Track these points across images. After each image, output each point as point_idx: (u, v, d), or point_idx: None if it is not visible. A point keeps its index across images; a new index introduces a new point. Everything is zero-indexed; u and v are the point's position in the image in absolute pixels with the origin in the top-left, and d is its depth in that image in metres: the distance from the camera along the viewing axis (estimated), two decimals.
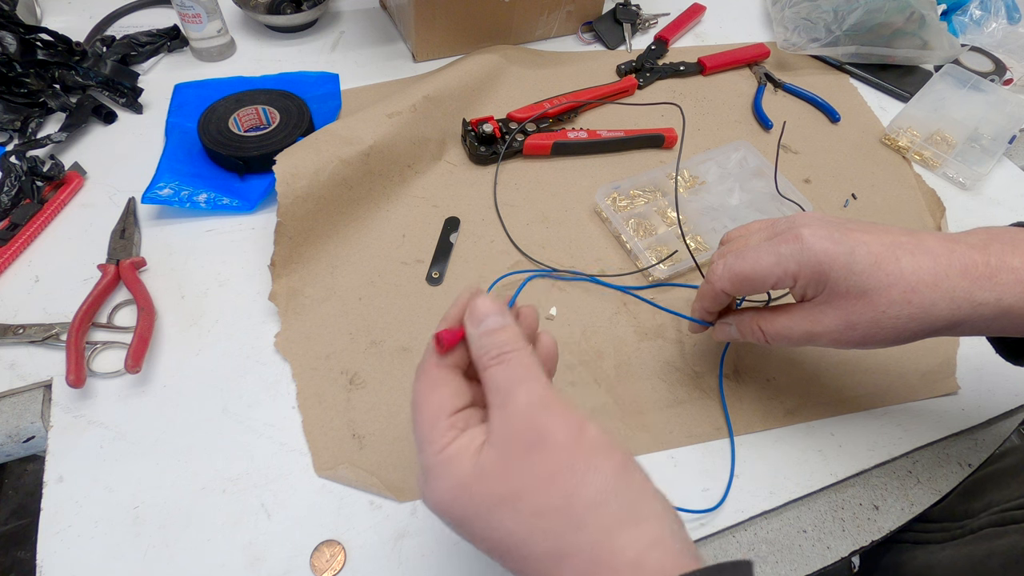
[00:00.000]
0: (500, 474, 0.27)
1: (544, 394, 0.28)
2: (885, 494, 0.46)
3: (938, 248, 0.35)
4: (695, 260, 0.51)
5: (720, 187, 0.60)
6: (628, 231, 0.55)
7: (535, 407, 0.28)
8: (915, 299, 0.34)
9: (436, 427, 0.29)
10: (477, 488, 0.27)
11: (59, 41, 0.62)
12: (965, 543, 0.41)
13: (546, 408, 0.28)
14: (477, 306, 0.30)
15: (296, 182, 0.50)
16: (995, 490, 0.45)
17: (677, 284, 0.54)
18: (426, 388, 0.30)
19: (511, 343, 0.29)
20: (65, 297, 0.49)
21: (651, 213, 0.57)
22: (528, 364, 0.29)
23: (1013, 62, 0.76)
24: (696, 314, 0.44)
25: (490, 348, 0.29)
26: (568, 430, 0.27)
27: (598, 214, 0.58)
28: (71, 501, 0.40)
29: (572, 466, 0.27)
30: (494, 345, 0.29)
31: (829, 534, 0.43)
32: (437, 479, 0.28)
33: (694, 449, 0.46)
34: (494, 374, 0.29)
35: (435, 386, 0.30)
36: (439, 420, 0.29)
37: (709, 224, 0.57)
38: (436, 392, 0.30)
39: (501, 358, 0.29)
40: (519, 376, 0.28)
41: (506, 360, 0.29)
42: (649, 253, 0.54)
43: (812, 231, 0.36)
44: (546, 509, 0.26)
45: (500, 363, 0.29)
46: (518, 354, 0.29)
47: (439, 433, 0.29)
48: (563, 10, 0.73)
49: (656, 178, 0.60)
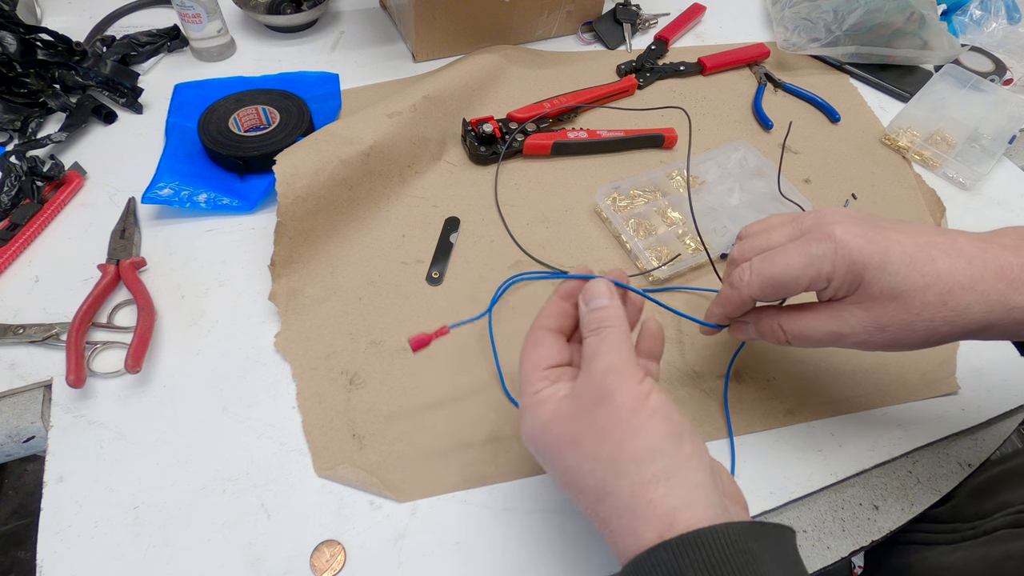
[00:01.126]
0: (571, 420, 0.32)
1: (621, 363, 0.32)
2: (885, 494, 0.46)
3: (972, 250, 0.34)
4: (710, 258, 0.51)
5: (720, 187, 0.60)
6: (628, 231, 0.55)
7: (610, 371, 0.32)
8: (951, 302, 0.34)
9: (533, 375, 0.34)
10: (554, 427, 0.32)
11: (59, 41, 0.62)
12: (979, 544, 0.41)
13: (618, 374, 0.32)
14: (590, 288, 0.36)
15: (296, 182, 0.50)
16: (1008, 491, 0.44)
17: (680, 288, 0.54)
18: (530, 345, 0.36)
19: (610, 320, 0.34)
20: (65, 297, 0.49)
21: (651, 213, 0.57)
22: (617, 338, 0.33)
23: (1013, 62, 0.76)
24: (713, 318, 0.42)
25: (591, 322, 0.34)
26: (633, 395, 0.31)
27: (598, 214, 0.58)
28: (71, 501, 0.40)
29: (627, 423, 0.30)
30: (595, 320, 0.34)
31: (829, 534, 0.43)
32: (529, 416, 0.34)
33: None
34: (589, 342, 0.34)
35: (537, 344, 0.36)
36: (536, 370, 0.34)
37: (709, 224, 0.57)
38: (537, 349, 0.35)
39: (598, 331, 0.34)
40: (607, 346, 0.33)
41: (601, 332, 0.34)
42: (649, 253, 0.54)
43: (844, 229, 0.35)
44: (598, 454, 0.31)
45: (596, 334, 0.34)
46: (612, 330, 0.34)
47: (535, 380, 0.34)
48: (563, 10, 0.73)
49: (656, 178, 0.60)
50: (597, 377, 0.32)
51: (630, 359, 0.33)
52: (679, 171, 0.61)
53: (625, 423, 0.30)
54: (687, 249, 0.55)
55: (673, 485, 0.29)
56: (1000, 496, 0.44)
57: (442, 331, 0.41)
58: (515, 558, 0.40)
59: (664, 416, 0.31)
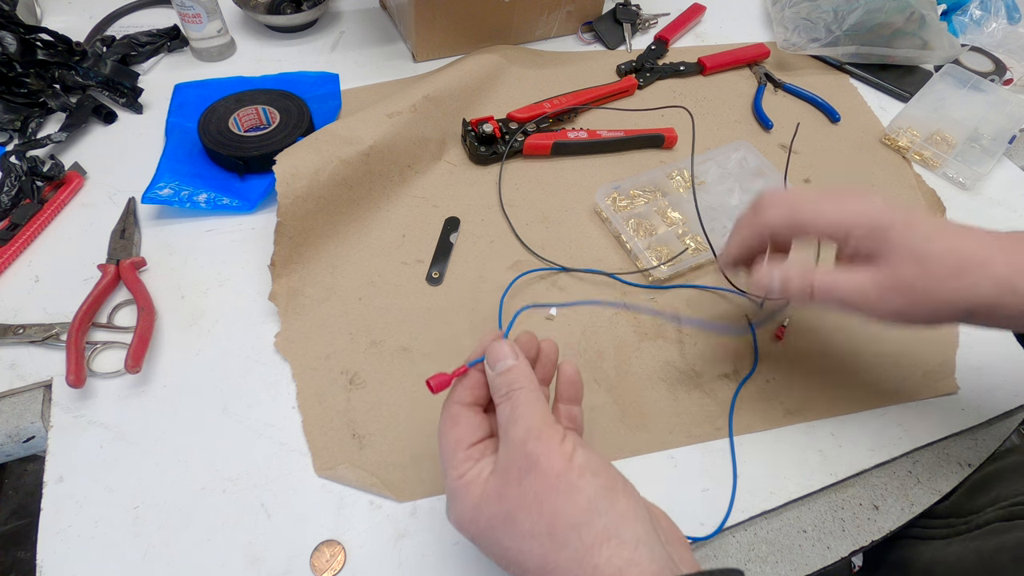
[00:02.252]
0: (500, 498, 0.31)
1: (539, 424, 0.31)
2: (885, 494, 0.46)
3: (985, 236, 0.36)
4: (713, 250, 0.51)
5: (720, 187, 0.60)
6: (628, 231, 0.55)
7: (529, 436, 0.31)
8: (964, 275, 0.35)
9: (455, 456, 0.33)
10: (484, 509, 0.31)
11: (59, 41, 0.62)
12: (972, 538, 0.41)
13: (539, 438, 0.31)
14: (492, 350, 0.35)
15: (296, 182, 0.50)
16: (1000, 486, 0.45)
17: (681, 286, 0.54)
18: (448, 424, 0.34)
19: (518, 380, 0.33)
20: (65, 297, 0.49)
21: (651, 213, 0.57)
22: (528, 399, 0.32)
23: (1013, 62, 0.76)
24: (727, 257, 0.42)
25: (500, 387, 0.33)
26: (558, 456, 0.30)
27: (598, 214, 0.58)
28: (71, 501, 0.40)
29: (558, 488, 0.30)
30: (504, 384, 0.33)
31: (829, 534, 0.43)
32: (457, 502, 0.32)
33: (694, 449, 0.46)
34: (502, 409, 0.33)
35: (455, 422, 0.34)
36: (457, 451, 0.33)
37: (709, 224, 0.57)
38: (455, 428, 0.34)
39: (509, 395, 0.33)
40: (520, 410, 0.32)
41: (512, 397, 0.33)
42: (649, 253, 0.54)
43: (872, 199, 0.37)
44: (535, 529, 0.29)
45: (507, 399, 0.33)
46: (522, 391, 0.33)
47: (458, 462, 0.33)
48: (563, 10, 0.73)
49: (656, 178, 0.60)
50: (518, 445, 0.31)
51: (546, 418, 0.32)
52: (679, 171, 0.61)
53: (556, 489, 0.30)
54: (687, 249, 0.55)
55: (615, 546, 0.28)
56: (993, 491, 0.44)
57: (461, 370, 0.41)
58: None
59: (592, 472, 0.30)
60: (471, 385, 0.35)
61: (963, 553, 0.40)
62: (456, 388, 0.36)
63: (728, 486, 0.44)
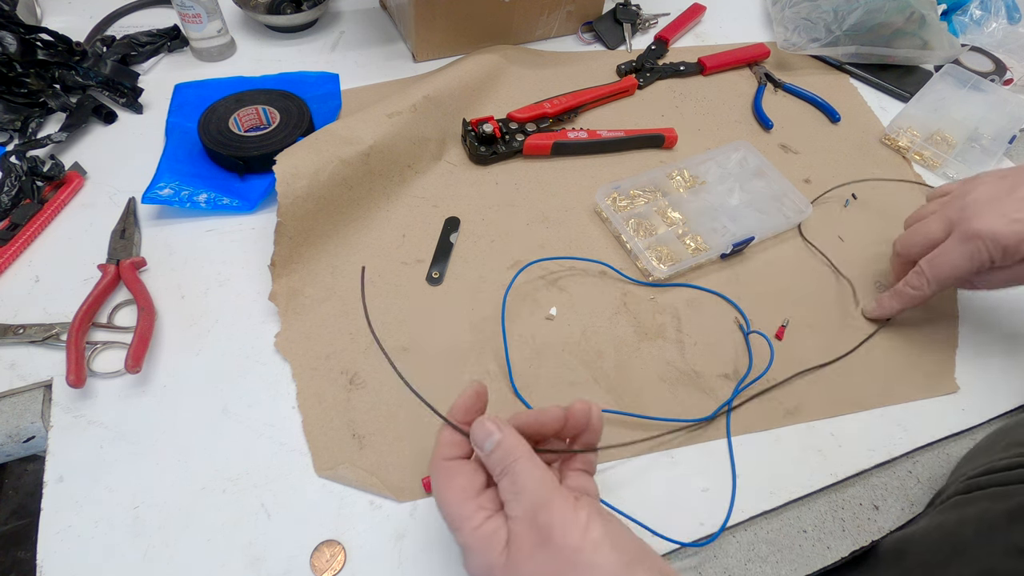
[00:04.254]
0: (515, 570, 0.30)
1: (547, 495, 0.31)
2: (885, 494, 0.46)
3: None
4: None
5: (720, 187, 0.60)
6: (628, 231, 0.55)
7: (539, 508, 0.30)
8: None
9: (466, 507, 0.32)
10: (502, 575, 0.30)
11: (59, 41, 0.62)
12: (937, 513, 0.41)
13: (548, 508, 0.30)
14: (475, 432, 0.33)
15: (296, 182, 0.50)
16: (965, 463, 0.46)
17: (679, 284, 0.54)
18: (445, 478, 0.33)
19: (511, 453, 0.32)
20: (65, 297, 0.49)
21: (651, 213, 0.57)
22: (527, 469, 0.31)
23: (1013, 62, 0.76)
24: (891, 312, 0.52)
25: (495, 464, 0.32)
26: (572, 527, 0.29)
27: (598, 214, 0.58)
28: (71, 501, 0.40)
29: (575, 564, 0.29)
30: (498, 461, 0.32)
31: (829, 534, 0.43)
32: (476, 555, 0.31)
33: (694, 449, 0.46)
34: (503, 485, 0.32)
35: (451, 475, 0.33)
36: (467, 502, 0.32)
37: (709, 224, 0.57)
38: (455, 478, 0.33)
39: (505, 470, 0.32)
40: (522, 482, 0.31)
41: (509, 470, 0.32)
42: (650, 253, 0.54)
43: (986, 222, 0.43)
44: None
45: (504, 474, 0.32)
46: (517, 463, 0.32)
47: (470, 512, 0.32)
48: (563, 10, 0.73)
49: (656, 178, 0.60)
50: (527, 518, 0.30)
51: (552, 486, 0.31)
52: (679, 171, 0.61)
53: (573, 564, 0.28)
54: (687, 249, 0.55)
55: None
56: (958, 471, 0.45)
57: None
58: None
59: (611, 546, 0.29)
60: (451, 443, 0.35)
61: (928, 529, 0.41)
62: (439, 447, 0.35)
63: (728, 486, 0.44)
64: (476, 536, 0.31)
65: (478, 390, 0.36)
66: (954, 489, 0.42)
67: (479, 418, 0.34)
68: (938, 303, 0.56)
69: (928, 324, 0.54)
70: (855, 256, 0.58)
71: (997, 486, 0.39)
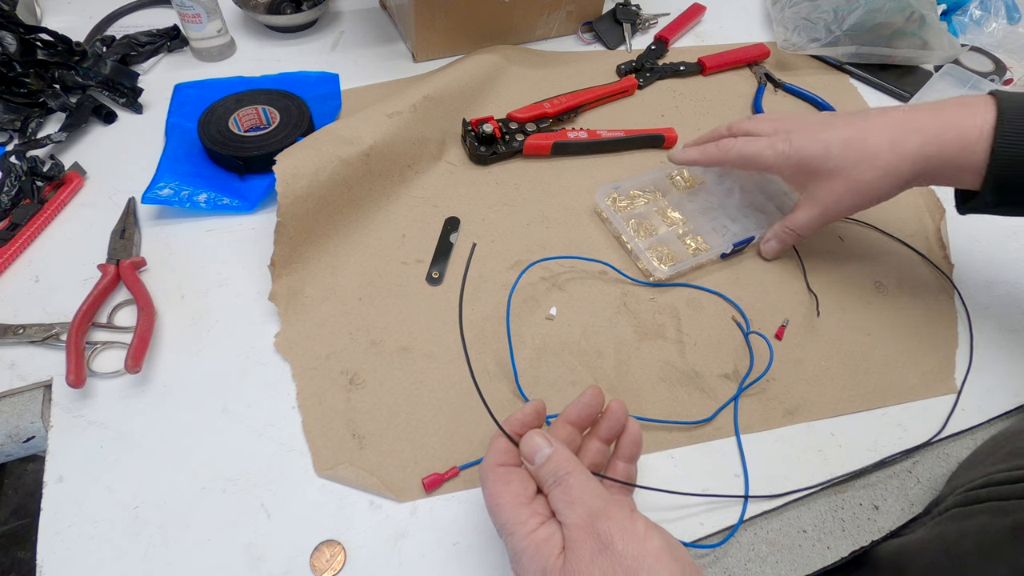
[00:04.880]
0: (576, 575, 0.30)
1: (602, 505, 0.32)
2: (885, 494, 0.46)
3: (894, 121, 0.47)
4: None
5: (719, 187, 0.60)
6: (629, 231, 0.55)
7: (596, 517, 0.31)
8: (879, 163, 0.46)
9: (520, 512, 0.33)
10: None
11: (59, 41, 0.62)
12: (935, 525, 0.41)
13: (606, 517, 0.31)
14: (524, 446, 0.35)
15: (296, 182, 0.50)
16: (962, 473, 0.45)
17: (680, 284, 0.54)
18: (499, 483, 0.34)
19: (563, 467, 0.33)
20: (65, 297, 0.49)
21: (651, 213, 0.57)
22: (581, 482, 0.33)
23: (1013, 62, 0.76)
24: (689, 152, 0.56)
25: (547, 477, 0.34)
26: (632, 538, 0.30)
27: (598, 214, 0.58)
28: (71, 501, 0.40)
29: (637, 572, 0.29)
30: (550, 473, 0.33)
31: (829, 534, 0.43)
32: (531, 560, 0.32)
33: (694, 449, 0.46)
34: (555, 496, 0.33)
35: (507, 480, 0.34)
36: (521, 507, 0.33)
37: (709, 224, 0.57)
38: (510, 485, 0.34)
39: (557, 482, 0.33)
40: (576, 493, 0.32)
41: (561, 482, 0.33)
42: (651, 253, 0.54)
43: (799, 135, 0.50)
44: None
45: (557, 486, 0.33)
46: (570, 476, 0.33)
47: (525, 517, 0.33)
48: (563, 10, 0.73)
49: (656, 178, 0.60)
50: (585, 527, 0.31)
51: (606, 496, 0.32)
52: (679, 171, 0.61)
53: (634, 572, 0.29)
54: (687, 249, 0.55)
55: None
56: (955, 480, 0.45)
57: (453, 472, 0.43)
58: None
59: (670, 556, 0.30)
60: (502, 450, 0.36)
61: (926, 540, 0.41)
62: (492, 452, 0.36)
63: (728, 485, 0.44)
64: (531, 540, 0.32)
65: (537, 408, 0.38)
66: (953, 500, 0.41)
67: (529, 432, 0.35)
68: (937, 303, 0.56)
69: (928, 324, 0.54)
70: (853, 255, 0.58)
71: (997, 500, 0.38)
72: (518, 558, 0.32)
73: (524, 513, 0.33)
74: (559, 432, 0.38)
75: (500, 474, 0.35)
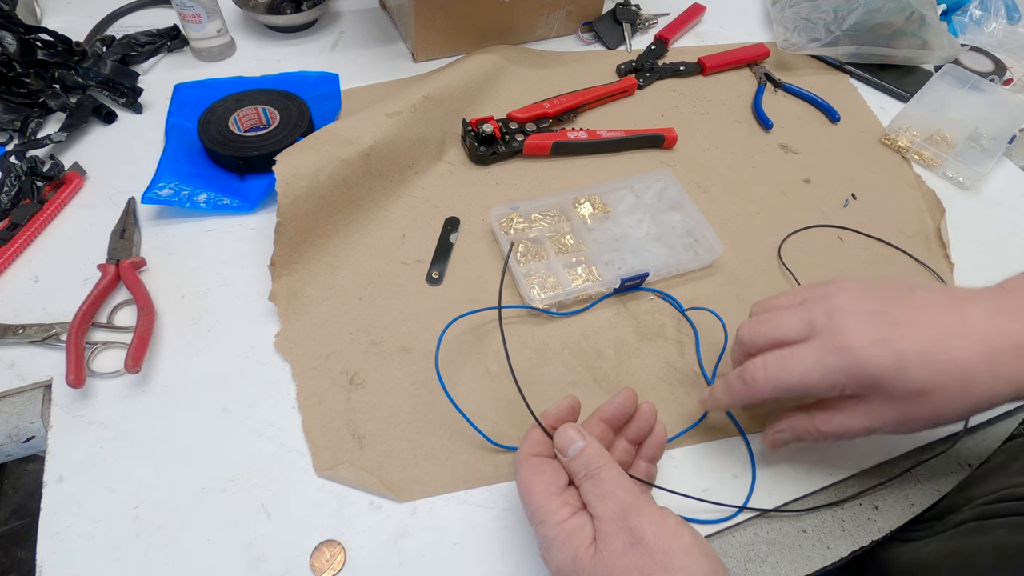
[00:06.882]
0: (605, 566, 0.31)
1: (633, 500, 0.33)
2: (885, 494, 0.46)
3: (987, 328, 0.34)
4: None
5: (629, 217, 0.56)
6: (514, 256, 0.51)
7: (628, 511, 0.32)
8: (975, 390, 0.34)
9: (552, 502, 0.34)
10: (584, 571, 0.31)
11: (59, 41, 0.62)
12: (949, 538, 0.41)
13: (637, 511, 0.32)
14: (559, 439, 0.36)
15: (296, 182, 0.50)
16: (977, 485, 0.45)
17: (580, 311, 0.52)
18: (533, 473, 0.35)
19: (595, 461, 0.34)
20: (65, 297, 0.49)
21: (545, 239, 0.54)
22: (613, 477, 0.34)
23: (1013, 62, 0.76)
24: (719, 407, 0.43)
25: (579, 469, 0.35)
26: (662, 533, 0.31)
27: (493, 233, 0.55)
28: (71, 501, 0.40)
29: (667, 567, 0.30)
30: (582, 466, 0.34)
31: (829, 534, 0.43)
32: (561, 548, 0.32)
33: (694, 449, 0.46)
34: (586, 488, 0.34)
35: (540, 470, 0.35)
36: (553, 497, 0.34)
37: (606, 255, 0.54)
38: (543, 475, 0.35)
39: (589, 475, 0.34)
40: (607, 487, 0.33)
41: (593, 475, 0.34)
42: (531, 280, 0.51)
43: (857, 336, 0.35)
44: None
45: (588, 479, 0.34)
46: (602, 470, 0.34)
47: (557, 506, 0.34)
48: (563, 10, 0.73)
49: (562, 202, 0.56)
50: (616, 520, 0.32)
51: (637, 492, 0.33)
52: (589, 197, 0.57)
53: (665, 567, 0.30)
54: (576, 280, 0.52)
55: None
56: (970, 490, 0.44)
57: None
58: (514, 558, 0.40)
59: (699, 552, 0.31)
60: (537, 441, 0.37)
61: (942, 554, 0.40)
62: (527, 442, 0.37)
63: (727, 485, 0.44)
64: (562, 529, 0.33)
65: (573, 404, 0.39)
66: (970, 513, 0.41)
67: (563, 425, 0.36)
68: None
69: None
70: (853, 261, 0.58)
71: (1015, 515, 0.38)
72: (548, 545, 0.33)
73: (555, 503, 0.34)
74: (593, 428, 0.39)
75: (534, 464, 0.36)
